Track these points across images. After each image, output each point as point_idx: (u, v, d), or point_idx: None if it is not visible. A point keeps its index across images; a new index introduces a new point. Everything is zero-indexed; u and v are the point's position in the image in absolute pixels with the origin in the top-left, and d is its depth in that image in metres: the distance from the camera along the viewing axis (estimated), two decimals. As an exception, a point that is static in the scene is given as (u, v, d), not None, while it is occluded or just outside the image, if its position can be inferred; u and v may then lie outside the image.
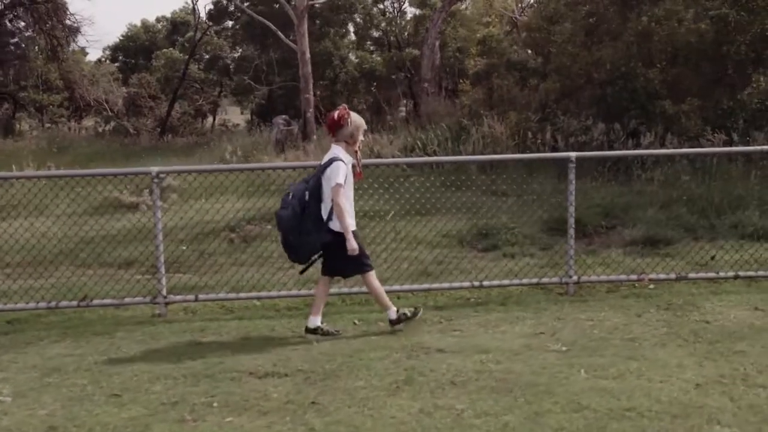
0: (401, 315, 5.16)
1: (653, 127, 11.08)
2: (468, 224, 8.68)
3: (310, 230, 4.90)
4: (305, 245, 4.97)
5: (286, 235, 4.97)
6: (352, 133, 4.96)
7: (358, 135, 5.01)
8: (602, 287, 6.22)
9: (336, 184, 4.83)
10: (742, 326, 4.97)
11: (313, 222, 4.90)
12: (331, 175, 4.86)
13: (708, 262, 6.73)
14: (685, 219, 8.77)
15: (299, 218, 4.88)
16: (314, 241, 4.94)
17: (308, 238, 4.92)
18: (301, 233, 4.90)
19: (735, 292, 5.92)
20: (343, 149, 4.97)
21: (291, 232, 4.93)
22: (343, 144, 4.98)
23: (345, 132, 4.94)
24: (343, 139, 4.97)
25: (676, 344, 4.64)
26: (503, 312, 5.58)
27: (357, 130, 4.98)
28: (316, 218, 4.92)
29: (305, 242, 4.94)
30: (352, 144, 4.99)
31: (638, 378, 4.06)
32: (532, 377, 4.11)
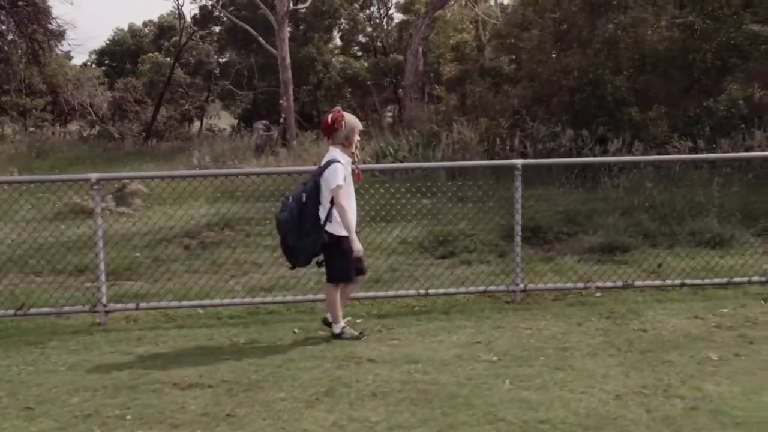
0: (344, 332, 5.13)
1: (621, 134, 11.08)
2: (428, 231, 8.65)
3: (309, 233, 4.90)
4: (304, 248, 4.96)
5: (285, 237, 4.99)
6: (347, 135, 4.96)
7: (354, 136, 5.00)
8: (550, 295, 6.19)
9: (336, 185, 4.83)
10: (678, 335, 4.95)
11: (311, 224, 4.90)
12: (329, 178, 4.85)
13: (655, 270, 6.70)
14: (646, 226, 8.76)
15: (296, 221, 4.90)
16: (312, 244, 4.93)
17: (306, 240, 4.92)
18: (300, 236, 4.91)
19: (679, 300, 5.90)
20: (340, 151, 4.97)
21: (289, 234, 4.95)
22: (339, 146, 4.97)
23: (340, 134, 4.94)
24: (339, 142, 4.97)
25: (608, 354, 4.61)
26: (445, 321, 5.54)
27: (352, 131, 4.97)
28: (314, 221, 4.91)
29: (304, 245, 4.94)
30: (348, 146, 4.99)
31: (561, 389, 4.03)
32: (455, 388, 4.08)
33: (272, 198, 10.15)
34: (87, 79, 34.62)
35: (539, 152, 11.05)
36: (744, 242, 8.18)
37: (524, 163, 5.94)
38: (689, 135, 11.06)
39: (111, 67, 38.86)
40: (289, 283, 6.82)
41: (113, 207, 10.26)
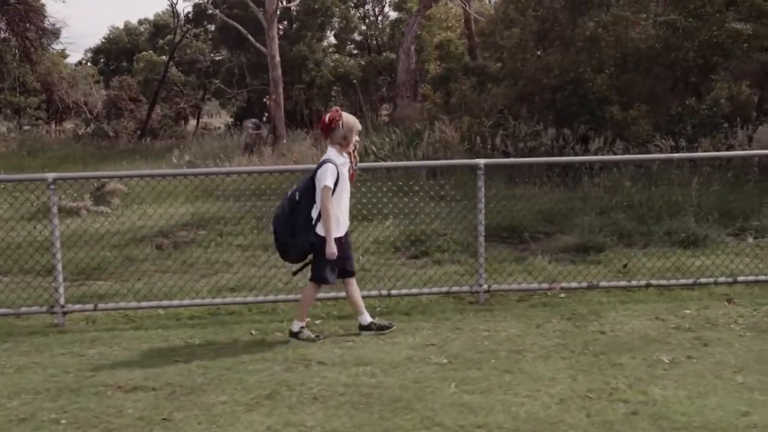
0: (301, 333, 5.09)
1: (603, 133, 11.02)
2: (401, 231, 8.60)
3: (300, 231, 4.91)
4: (295, 245, 4.96)
5: (277, 234, 5.00)
6: (345, 135, 4.93)
7: (352, 136, 4.97)
8: (514, 296, 6.14)
9: (324, 186, 4.80)
10: (635, 337, 4.89)
11: (302, 223, 4.90)
12: (321, 177, 4.84)
13: (620, 270, 6.65)
14: (623, 225, 8.71)
15: (288, 218, 4.92)
16: (303, 242, 4.93)
17: (297, 238, 4.92)
18: (292, 233, 4.92)
19: (643, 301, 5.85)
20: (336, 151, 4.94)
21: (281, 231, 4.96)
22: (337, 146, 4.95)
23: (337, 134, 4.92)
24: (337, 141, 4.94)
25: (561, 356, 4.55)
26: (405, 322, 5.48)
27: (350, 131, 4.94)
28: (306, 219, 4.91)
29: (295, 242, 4.94)
30: (345, 146, 4.96)
31: (505, 393, 3.97)
32: (398, 392, 4.03)
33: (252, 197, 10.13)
34: (82, 77, 34.63)
35: (520, 151, 11.00)
36: (720, 242, 8.14)
37: (487, 162, 5.88)
38: (671, 134, 10.99)
39: (107, 65, 38.88)
40: (257, 284, 6.77)
41: (91, 206, 10.21)
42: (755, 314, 5.36)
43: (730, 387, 3.94)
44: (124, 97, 32.31)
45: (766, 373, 4.12)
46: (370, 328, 5.17)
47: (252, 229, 9.12)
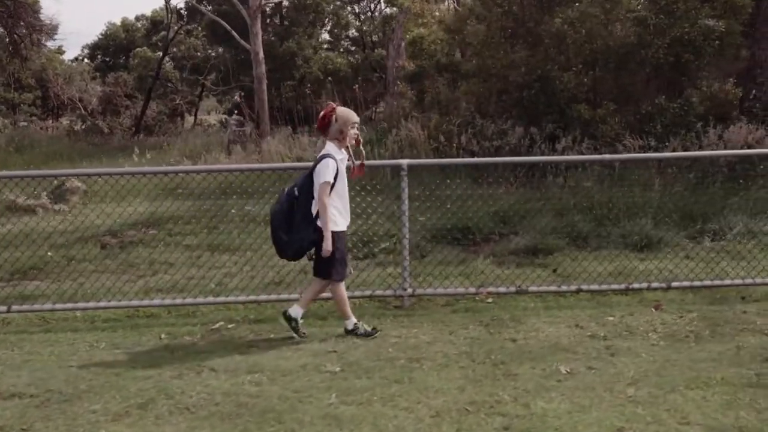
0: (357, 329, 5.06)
1: (572, 131, 10.82)
2: (356, 231, 8.45)
3: (299, 228, 4.82)
4: (293, 242, 4.87)
5: (275, 231, 4.91)
6: (340, 129, 4.86)
7: (348, 130, 4.88)
8: (442, 300, 5.99)
9: (323, 182, 4.71)
10: (544, 346, 4.73)
11: (301, 219, 4.82)
12: (320, 172, 4.75)
13: (551, 275, 6.49)
14: (580, 227, 8.54)
15: (287, 215, 4.84)
16: (302, 239, 4.84)
17: (297, 235, 4.83)
18: (290, 230, 4.83)
19: (570, 306, 5.68)
20: (335, 146, 4.87)
21: (280, 228, 4.88)
22: (335, 141, 4.88)
23: (333, 129, 4.85)
24: (334, 137, 4.88)
25: (459, 366, 4.40)
26: (317, 327, 5.35)
27: (345, 124, 4.86)
28: (306, 215, 4.83)
29: (293, 239, 4.85)
30: (342, 140, 4.88)
31: (384, 404, 3.83)
32: (275, 402, 3.89)
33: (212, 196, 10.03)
34: (78, 73, 34.64)
35: (485, 150, 10.82)
36: (676, 245, 7.96)
37: (410, 163, 5.72)
38: (641, 133, 10.79)
39: (104, 61, 38.87)
40: (186, 285, 6.66)
41: (48, 204, 10.12)
42: (678, 321, 5.19)
43: (616, 400, 3.78)
44: (119, 94, 32.30)
45: (660, 386, 3.95)
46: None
47: (203, 229, 9.02)
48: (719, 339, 4.75)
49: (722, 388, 3.90)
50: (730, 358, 4.36)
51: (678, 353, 4.49)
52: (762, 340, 4.69)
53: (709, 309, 5.48)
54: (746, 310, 5.42)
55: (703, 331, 4.93)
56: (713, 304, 5.61)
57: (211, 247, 8.30)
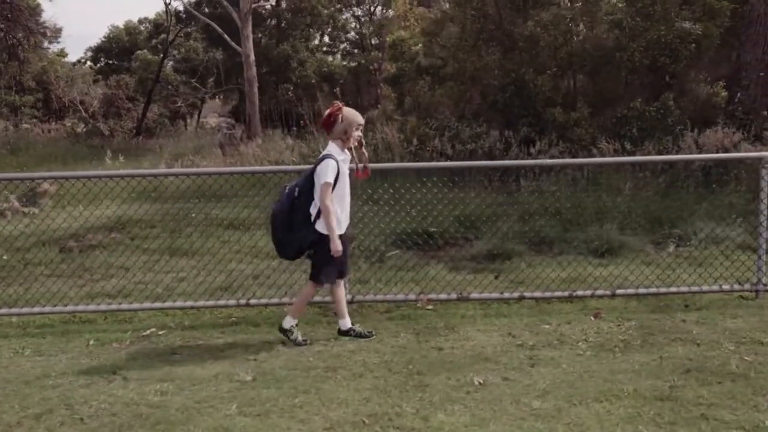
0: (290, 331, 4.99)
1: (547, 135, 10.71)
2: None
3: (299, 228, 4.79)
4: (293, 242, 4.84)
5: (275, 230, 4.89)
6: (345, 130, 4.79)
7: (352, 131, 4.81)
8: (383, 307, 5.90)
9: (324, 182, 4.66)
10: (468, 355, 4.63)
11: (301, 220, 4.79)
12: (320, 173, 4.70)
13: (492, 281, 6.38)
14: (546, 232, 8.43)
15: (287, 214, 4.80)
16: (302, 239, 4.81)
17: (296, 235, 4.80)
18: (290, 230, 4.80)
19: (509, 314, 5.57)
20: (338, 147, 4.81)
21: (279, 228, 4.85)
22: (338, 141, 4.82)
23: (338, 129, 4.79)
24: (338, 137, 4.81)
25: (374, 375, 4.31)
26: (250, 334, 5.28)
27: (350, 126, 4.79)
28: (305, 216, 4.79)
29: (293, 239, 4.82)
30: (346, 141, 4.83)
31: (281, 416, 3.74)
32: (173, 413, 3.81)
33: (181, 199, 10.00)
34: (79, 76, 34.80)
35: (459, 153, 10.72)
36: (638, 250, 7.84)
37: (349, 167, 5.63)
38: (617, 136, 10.66)
39: (107, 64, 39.04)
40: (133, 290, 6.60)
41: (19, 207, 10.11)
42: (614, 330, 5.07)
43: (519, 413, 3.68)
44: (121, 96, 32.43)
45: (569, 398, 3.84)
46: (348, 333, 5.05)
47: (166, 233, 8.98)
48: (648, 349, 4.63)
49: (631, 401, 3.78)
50: (650, 370, 4.24)
51: (600, 364, 4.38)
52: (690, 351, 4.57)
53: (649, 317, 5.36)
54: (686, 318, 5.29)
55: (634, 341, 4.81)
56: (655, 312, 5.49)
57: (170, 251, 8.24)
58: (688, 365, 4.30)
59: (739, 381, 4.03)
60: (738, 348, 4.61)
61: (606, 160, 7.66)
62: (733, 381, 4.03)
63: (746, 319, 5.22)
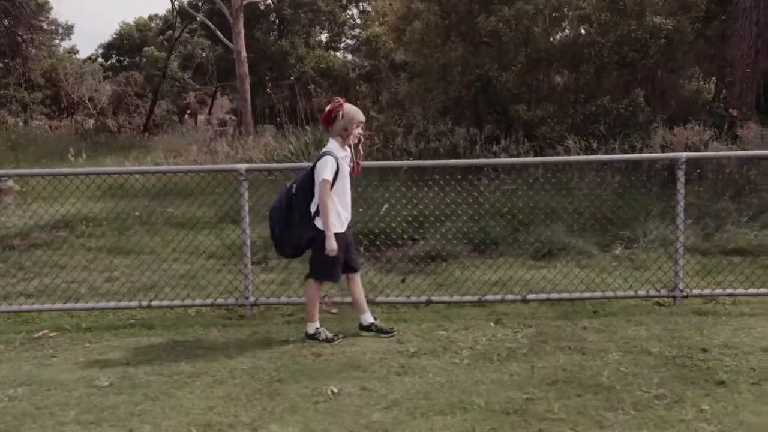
0: (317, 334, 4.94)
1: (514, 133, 10.49)
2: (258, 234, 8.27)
3: (296, 225, 4.75)
4: (291, 239, 4.80)
5: (273, 227, 4.86)
6: (345, 126, 4.74)
7: (353, 128, 4.76)
8: (288, 310, 5.78)
9: (322, 179, 4.60)
10: (344, 362, 4.49)
11: (300, 217, 4.75)
12: (319, 170, 4.64)
13: (398, 285, 6.22)
14: (495, 233, 8.26)
15: (284, 212, 4.77)
16: (300, 237, 4.77)
17: (295, 232, 4.77)
18: (288, 227, 4.77)
19: (408, 320, 5.42)
20: (338, 143, 4.76)
21: (277, 224, 4.82)
22: (338, 138, 4.76)
23: (338, 125, 4.73)
24: (338, 133, 4.76)
25: (234, 383, 4.19)
26: (141, 336, 5.19)
27: (350, 123, 4.74)
28: (304, 213, 4.75)
29: (292, 236, 4.79)
30: (346, 138, 4.77)
31: (113, 425, 3.65)
32: (9, 419, 3.74)
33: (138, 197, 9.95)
34: (89, 72, 35.14)
35: (423, 151, 10.55)
36: (581, 252, 7.65)
37: (248, 167, 5.53)
38: (585, 134, 10.40)
39: (119, 61, 39.40)
40: (56, 290, 6.56)
41: (-24, 204, 10.16)
42: (507, 338, 4.89)
43: (353, 426, 3.54)
44: (130, 93, 32.72)
45: (413, 411, 3.69)
46: (370, 329, 5.00)
47: (115, 231, 8.96)
48: (529, 358, 4.46)
49: (476, 414, 3.63)
50: (517, 381, 4.07)
51: (469, 373, 4.21)
52: (570, 360, 4.38)
53: (551, 324, 5.17)
54: (588, 325, 5.10)
55: (521, 349, 4.64)
56: (561, 319, 5.31)
57: (113, 249, 8.22)
58: (558, 376, 4.12)
59: (600, 394, 3.84)
60: (623, 357, 4.41)
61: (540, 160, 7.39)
62: (595, 394, 3.85)
63: (650, 327, 5.01)
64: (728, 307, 5.54)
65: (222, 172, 6.22)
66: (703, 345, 4.58)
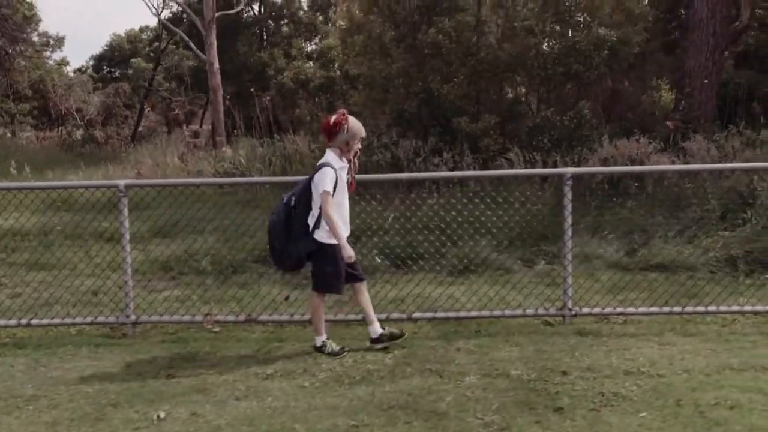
0: (324, 346, 4.88)
1: (458, 145, 10.37)
2: (187, 249, 8.16)
3: (297, 237, 4.70)
4: (291, 252, 4.74)
5: (272, 241, 4.80)
6: (347, 141, 4.70)
7: (354, 143, 4.73)
8: (172, 328, 5.66)
9: (323, 191, 4.56)
10: (191, 385, 4.35)
11: (299, 230, 4.70)
12: (319, 182, 4.60)
13: (282, 303, 6.09)
14: (421, 248, 8.11)
15: (283, 225, 4.72)
16: (300, 250, 4.72)
17: (294, 246, 4.71)
18: (288, 240, 4.71)
19: (286, 339, 5.31)
20: (335, 155, 4.72)
21: (276, 238, 4.76)
22: (337, 150, 4.72)
23: (340, 138, 4.69)
24: (338, 146, 4.72)
25: (66, 407, 4.06)
26: (7, 356, 5.08)
27: (353, 137, 4.71)
28: (303, 225, 4.71)
29: (292, 249, 4.73)
30: (346, 151, 4.73)
31: None
32: None
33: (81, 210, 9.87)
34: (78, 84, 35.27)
35: (367, 164, 10.43)
36: (503, 268, 7.53)
37: (128, 183, 5.42)
38: (529, 146, 10.27)
39: (110, 72, 39.56)
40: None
41: None
42: (374, 359, 4.75)
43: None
44: (119, 104, 32.81)
45: (227, 439, 3.56)
46: (381, 340, 4.90)
47: (42, 245, 8.87)
48: (383, 381, 4.31)
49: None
50: (353, 406, 3.93)
51: (310, 398, 4.07)
52: (421, 384, 4.23)
53: (427, 344, 5.03)
54: (462, 347, 4.96)
55: (381, 372, 4.50)
56: (440, 339, 5.18)
57: (33, 264, 8.12)
58: (399, 401, 3.97)
59: (430, 421, 3.70)
60: (479, 381, 4.26)
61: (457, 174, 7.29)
62: (425, 420, 3.70)
63: (523, 349, 4.87)
64: (617, 326, 5.38)
65: (102, 187, 6.10)
66: (566, 368, 4.43)
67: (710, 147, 10.04)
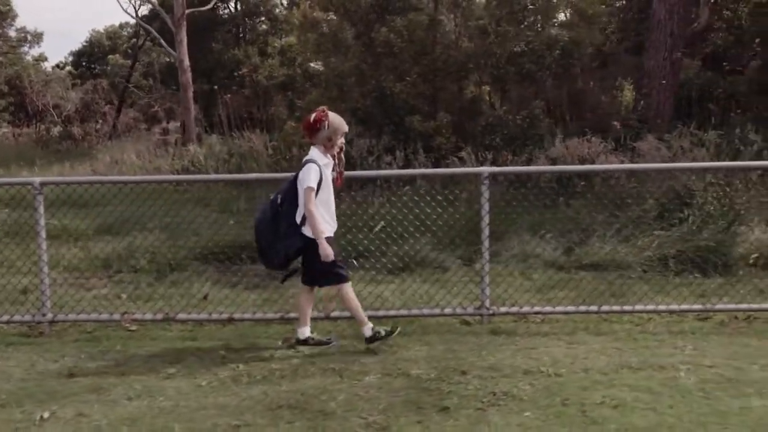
0: (376, 333, 4.85)
1: (411, 144, 10.36)
2: (140, 245, 8.09)
3: (284, 235, 4.67)
4: (279, 250, 4.71)
5: (259, 239, 4.77)
6: (329, 137, 4.68)
7: (337, 138, 4.71)
8: (90, 327, 5.63)
9: (307, 187, 4.55)
10: (87, 385, 4.33)
11: (286, 227, 4.67)
12: (303, 178, 4.59)
13: (201, 302, 6.07)
14: (362, 246, 8.09)
15: (270, 223, 4.70)
16: (287, 247, 4.69)
17: (282, 243, 4.68)
18: (275, 239, 4.69)
19: (200, 338, 5.27)
20: (320, 152, 4.70)
21: (263, 237, 4.74)
22: (321, 147, 4.70)
23: (322, 135, 4.67)
24: (321, 143, 4.70)
25: (-42, 406, 4.03)
26: None
27: (335, 133, 4.68)
28: (290, 223, 4.68)
29: (278, 248, 4.70)
30: (329, 147, 4.72)
31: None
32: None
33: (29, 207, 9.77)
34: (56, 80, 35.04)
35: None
36: (441, 267, 7.52)
37: (43, 181, 5.38)
38: (482, 146, 10.28)
39: (89, 68, 39.34)
40: None
41: None
42: (282, 358, 4.74)
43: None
44: (97, 100, 32.61)
45: (104, 439, 3.53)
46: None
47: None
48: (282, 381, 4.29)
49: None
50: (242, 406, 3.91)
51: (202, 398, 4.05)
52: (322, 383, 4.21)
53: (339, 343, 5.02)
54: (372, 346, 4.94)
55: (283, 371, 4.47)
56: (354, 338, 5.15)
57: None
58: (290, 401, 3.95)
59: (315, 421, 3.69)
60: (377, 381, 4.26)
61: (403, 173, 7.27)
62: (309, 420, 3.69)
63: (433, 348, 4.87)
64: (533, 326, 5.39)
65: (17, 185, 6.05)
66: (468, 367, 4.42)
67: (660, 147, 10.08)
